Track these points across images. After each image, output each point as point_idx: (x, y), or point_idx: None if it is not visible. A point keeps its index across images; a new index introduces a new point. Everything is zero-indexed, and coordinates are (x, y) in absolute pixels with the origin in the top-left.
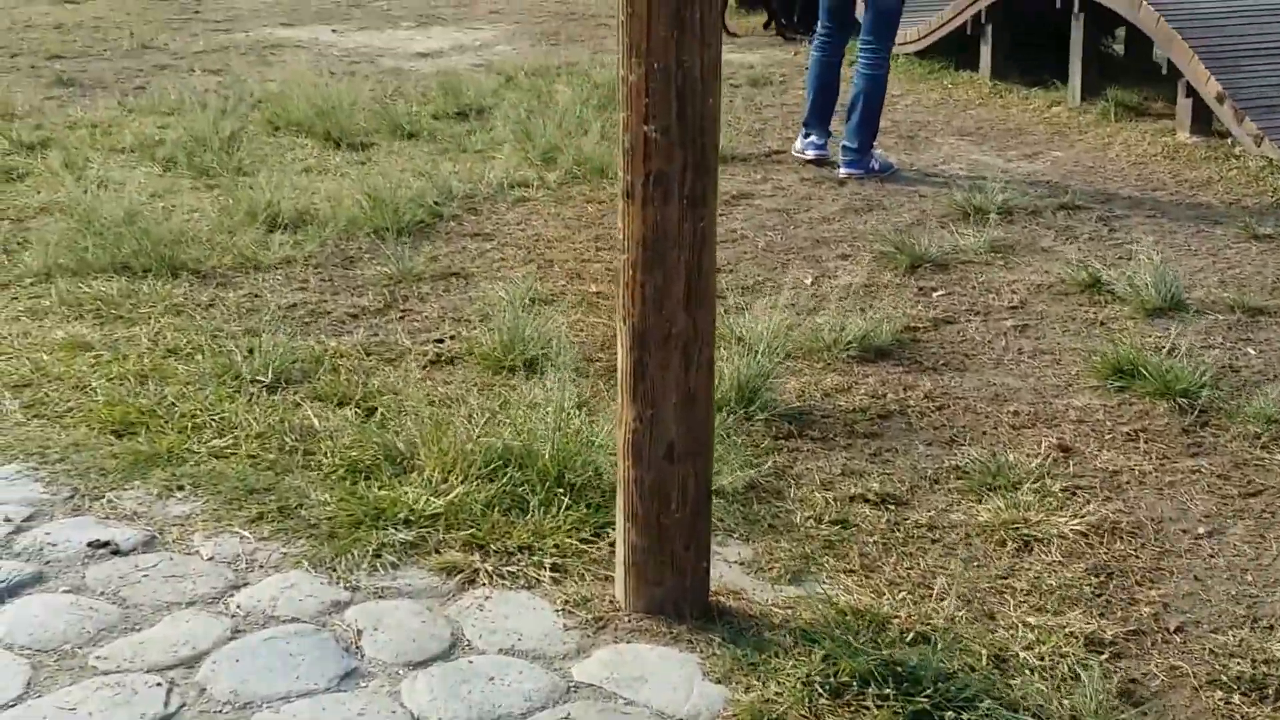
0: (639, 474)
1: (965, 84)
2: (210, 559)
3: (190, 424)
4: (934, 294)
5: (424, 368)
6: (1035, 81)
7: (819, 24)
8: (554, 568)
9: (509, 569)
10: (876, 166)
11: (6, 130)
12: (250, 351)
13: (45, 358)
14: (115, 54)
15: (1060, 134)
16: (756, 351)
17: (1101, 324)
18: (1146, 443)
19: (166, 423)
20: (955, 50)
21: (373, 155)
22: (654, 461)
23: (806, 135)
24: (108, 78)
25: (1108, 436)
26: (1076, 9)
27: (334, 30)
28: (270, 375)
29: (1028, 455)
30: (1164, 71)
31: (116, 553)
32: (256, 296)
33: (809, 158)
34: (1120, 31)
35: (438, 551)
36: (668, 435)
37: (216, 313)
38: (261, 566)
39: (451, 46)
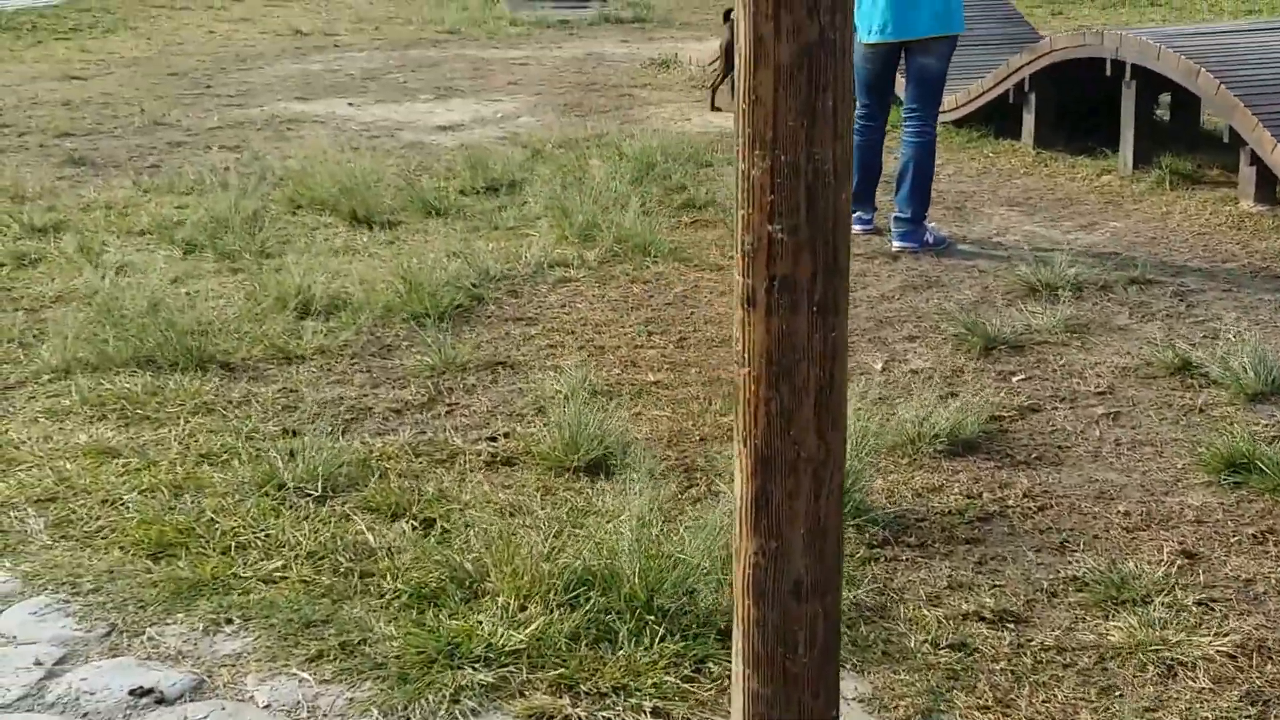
0: (761, 614)
1: (1007, 152)
2: (267, 707)
3: (234, 543)
4: (1014, 379)
5: (479, 470)
6: (1081, 149)
7: (859, 100)
8: (654, 712)
9: (604, 715)
10: (931, 240)
11: (17, 213)
12: (291, 455)
13: (69, 466)
14: (127, 131)
15: (1114, 204)
16: None
17: (1200, 411)
18: (1277, 545)
19: (207, 543)
20: (995, 118)
21: (401, 234)
22: (779, 600)
23: (852, 212)
24: (121, 156)
25: (1233, 539)
26: (1128, 76)
27: (350, 104)
28: (315, 483)
29: (1149, 563)
30: (1225, 139)
31: (161, 701)
32: (292, 392)
33: (855, 232)
34: (1164, 96)
35: (522, 694)
36: (795, 570)
37: (250, 411)
38: (325, 716)
39: (472, 119)
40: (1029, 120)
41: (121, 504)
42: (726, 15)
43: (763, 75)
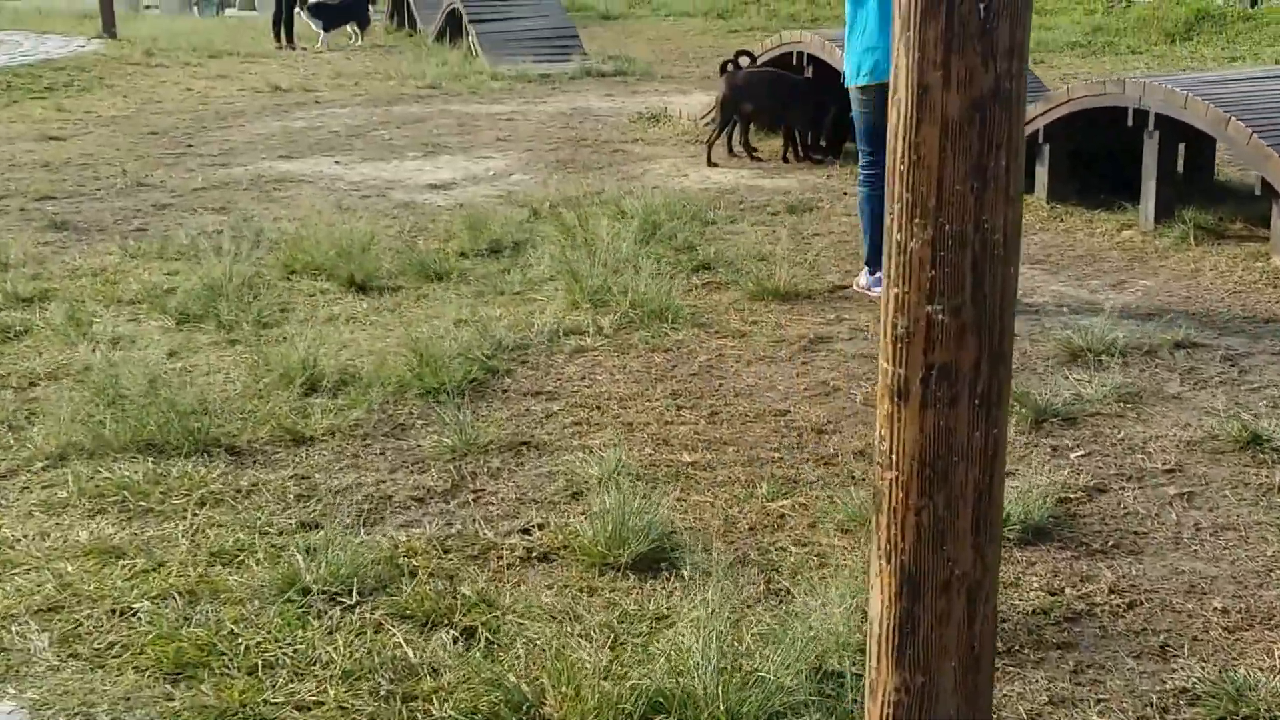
0: None
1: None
2: None
3: (260, 661)
4: (1072, 454)
5: (514, 567)
6: (1096, 203)
7: (861, 152)
8: None
9: None
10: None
11: (0, 282)
12: (311, 552)
13: (70, 569)
14: (109, 193)
15: (1139, 260)
16: None
17: None
18: None
19: (231, 661)
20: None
21: (402, 301)
22: None
23: (873, 272)
24: (105, 219)
25: None
26: (1151, 126)
27: (337, 162)
28: (342, 586)
29: (1261, 669)
30: (1257, 191)
31: None
32: (304, 478)
33: (877, 295)
34: (1180, 147)
35: None
36: (945, 709)
37: (261, 501)
38: None
39: (464, 177)
40: (1042, 173)
41: (132, 614)
42: (724, 67)
43: (926, 132)
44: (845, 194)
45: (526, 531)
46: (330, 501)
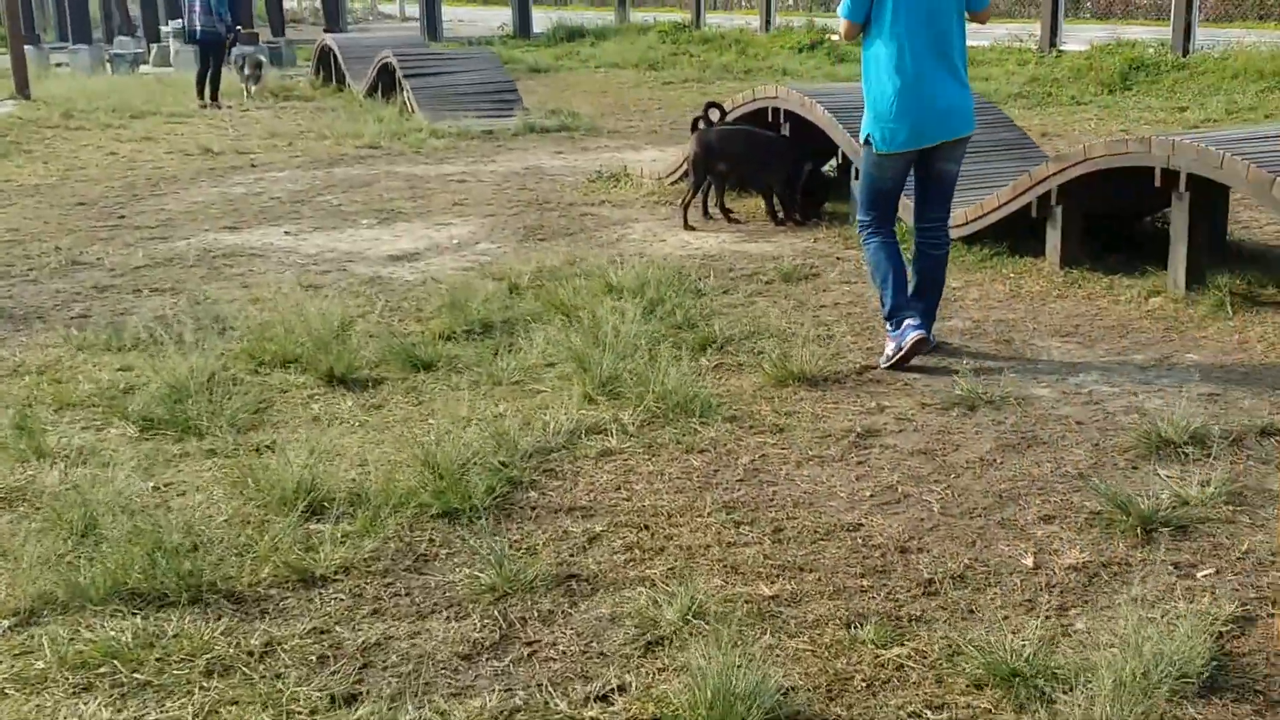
0: None
1: (1031, 272)
2: None
3: None
4: (1199, 574)
5: None
6: (1111, 267)
7: (863, 212)
8: None
9: None
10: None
11: None
12: None
13: None
14: (43, 273)
15: (1176, 331)
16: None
17: None
18: None
19: None
20: (1009, 233)
21: (389, 396)
22: None
23: (896, 326)
24: (43, 304)
25: None
26: (1182, 186)
27: (287, 233)
28: None
29: None
30: None
31: None
32: (324, 633)
33: (912, 342)
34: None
35: None
36: None
37: (279, 666)
38: None
39: (427, 247)
40: (1054, 236)
41: None
42: (695, 124)
43: None
44: (839, 260)
45: (605, 699)
46: (360, 664)
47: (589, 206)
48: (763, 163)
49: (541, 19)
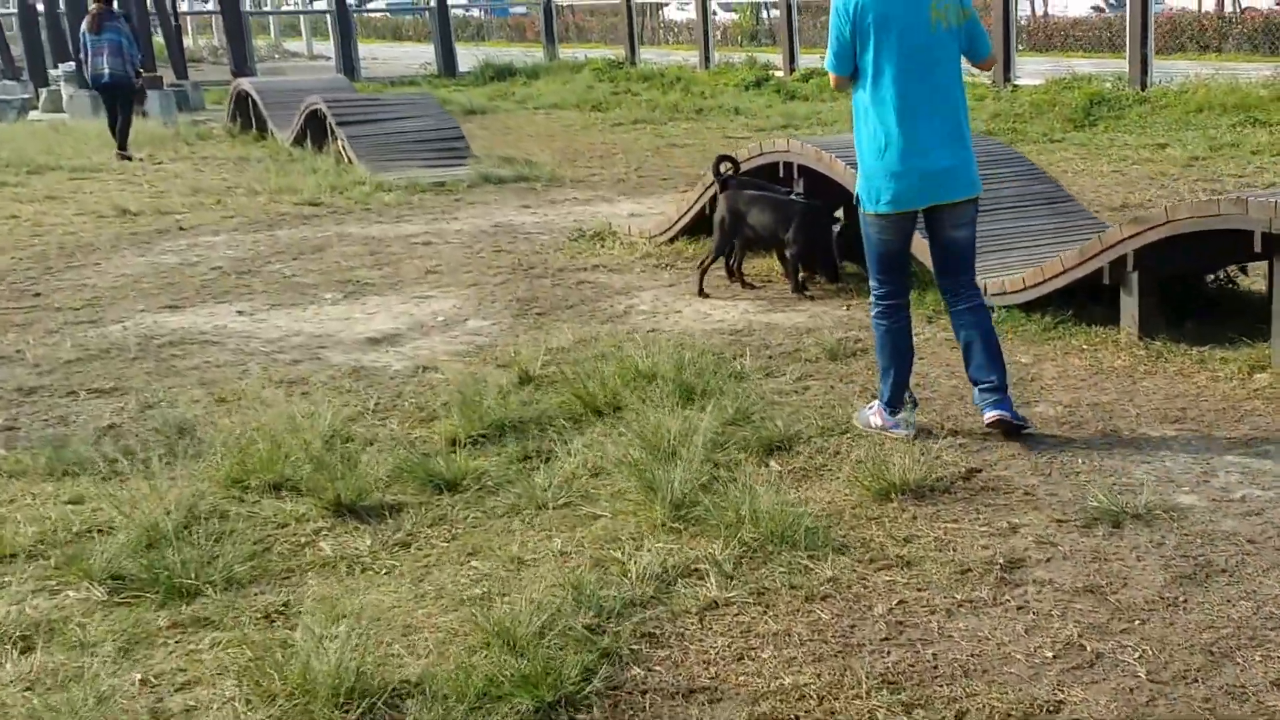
0: None
1: (1107, 344)
2: None
3: None
4: None
5: None
6: (1194, 337)
7: (874, 281)
8: None
9: None
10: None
11: None
12: None
13: None
14: None
15: None
16: None
17: None
18: None
19: None
20: (1068, 299)
21: (416, 528)
22: None
23: (893, 412)
24: None
25: None
26: None
27: (240, 312)
28: None
29: None
30: None
31: None
32: None
33: (898, 438)
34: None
35: None
36: None
37: None
38: None
39: (409, 325)
40: (1130, 304)
41: None
42: (723, 183)
43: None
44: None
45: None
46: None
47: (582, 272)
48: (789, 229)
49: (466, 56)
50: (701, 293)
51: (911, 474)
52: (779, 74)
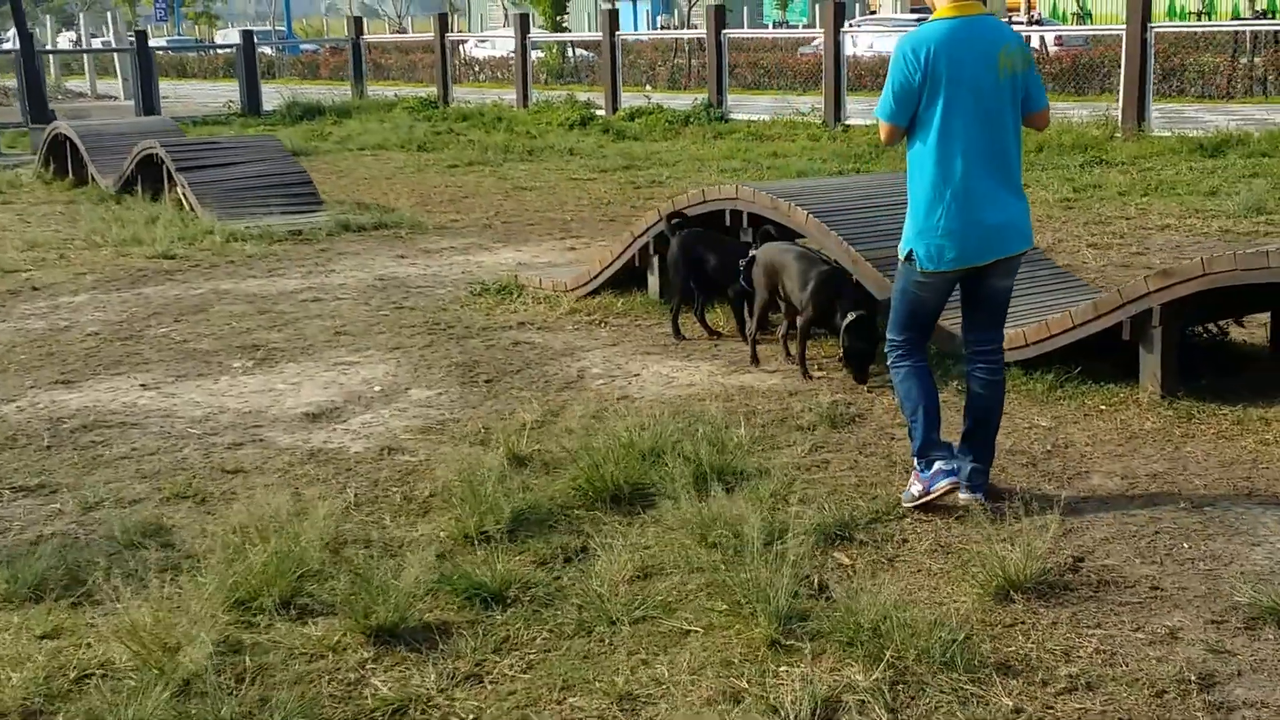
0: None
1: (1126, 404)
2: None
3: None
4: None
5: None
6: (1216, 395)
7: (893, 335)
8: None
9: None
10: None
11: None
12: None
13: None
14: None
15: None
16: None
17: None
18: None
19: None
20: (1078, 357)
21: (478, 656)
22: None
23: (929, 465)
24: None
25: None
26: None
27: (144, 386)
28: None
29: None
30: None
31: None
32: None
33: (943, 490)
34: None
35: None
36: None
37: None
38: None
39: (344, 398)
40: (1151, 361)
41: None
42: (673, 228)
43: None
44: (871, 392)
45: None
46: None
47: (508, 331)
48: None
49: (271, 94)
50: (677, 334)
51: (1023, 568)
52: (601, 112)
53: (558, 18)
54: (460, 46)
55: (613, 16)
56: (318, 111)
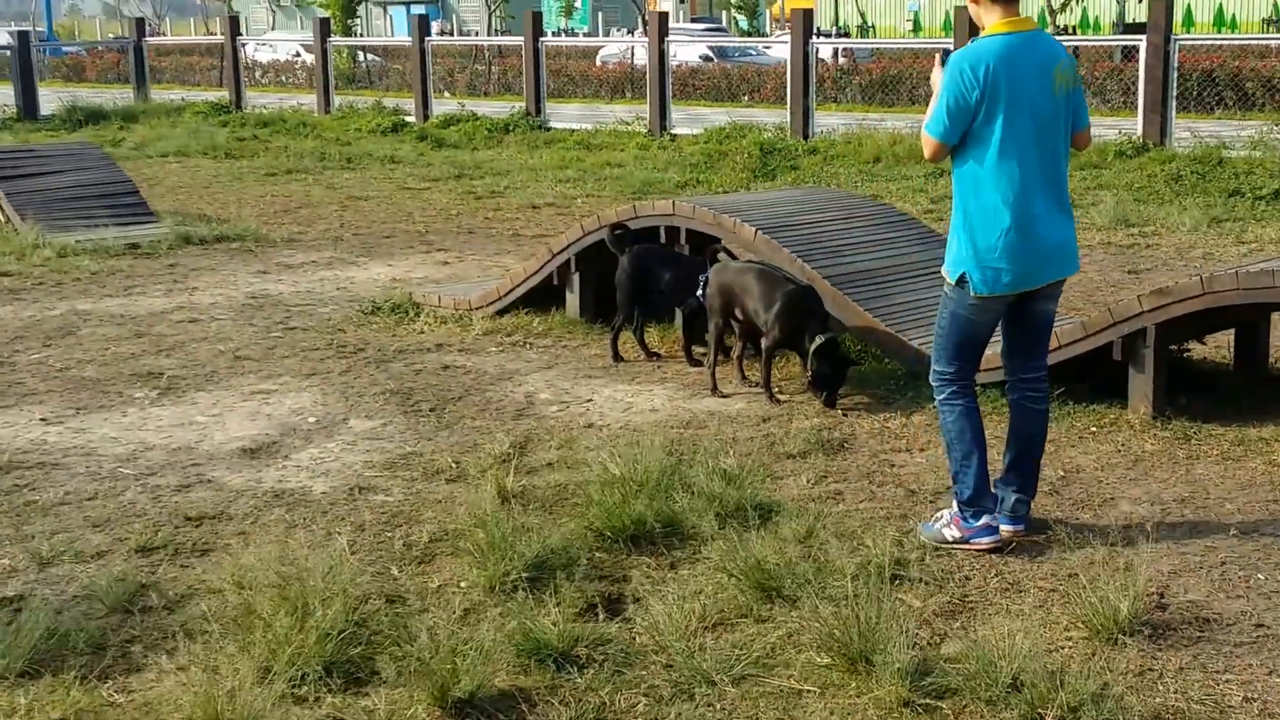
0: None
1: (1119, 426)
2: None
3: None
4: None
5: None
6: (1202, 416)
7: (942, 367)
8: None
9: None
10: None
11: None
12: None
13: None
14: None
15: None
16: None
17: None
18: None
19: None
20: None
21: None
22: None
23: (975, 516)
24: None
25: None
26: None
27: (44, 420)
28: None
29: None
30: None
31: None
32: None
33: (987, 548)
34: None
35: None
36: None
37: None
38: None
39: (279, 431)
40: (1142, 382)
41: None
42: (621, 236)
43: None
44: (848, 416)
45: None
46: None
47: (429, 354)
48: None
49: (48, 97)
50: (616, 356)
51: (1121, 607)
52: (411, 119)
53: (348, 21)
54: (242, 50)
55: (422, 21)
56: (101, 116)
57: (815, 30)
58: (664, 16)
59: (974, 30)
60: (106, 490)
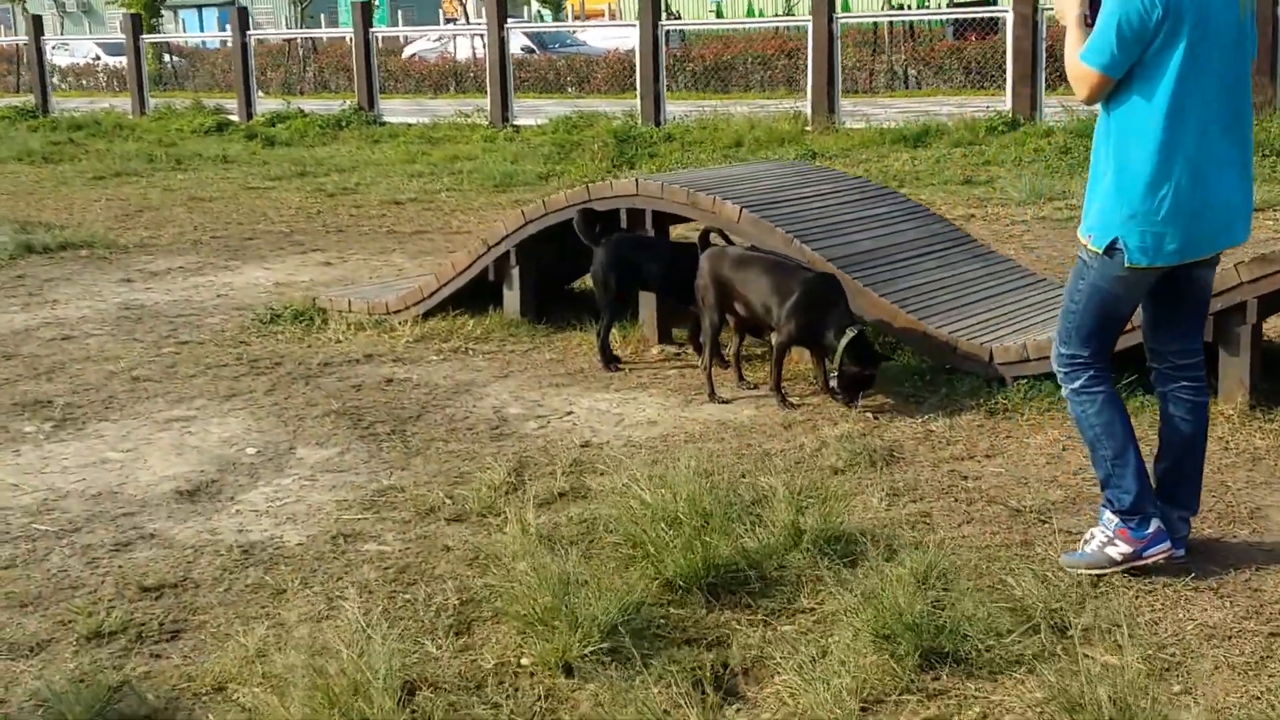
0: None
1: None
2: None
3: None
4: None
5: None
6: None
7: (1073, 349)
8: None
9: None
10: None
11: None
12: None
13: None
14: None
15: None
16: None
17: None
18: None
19: None
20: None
21: None
22: None
23: (1141, 525)
24: None
25: None
26: None
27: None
28: None
29: None
30: None
31: None
32: None
33: (1162, 557)
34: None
35: None
36: None
37: None
38: None
39: (216, 467)
40: (1237, 365)
41: None
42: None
43: None
44: (891, 422)
45: None
46: None
47: (363, 366)
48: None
49: None
50: (610, 363)
51: None
52: (234, 118)
53: (152, 20)
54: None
55: (242, 15)
56: None
57: (665, 10)
58: (502, 5)
59: None
60: (25, 555)
